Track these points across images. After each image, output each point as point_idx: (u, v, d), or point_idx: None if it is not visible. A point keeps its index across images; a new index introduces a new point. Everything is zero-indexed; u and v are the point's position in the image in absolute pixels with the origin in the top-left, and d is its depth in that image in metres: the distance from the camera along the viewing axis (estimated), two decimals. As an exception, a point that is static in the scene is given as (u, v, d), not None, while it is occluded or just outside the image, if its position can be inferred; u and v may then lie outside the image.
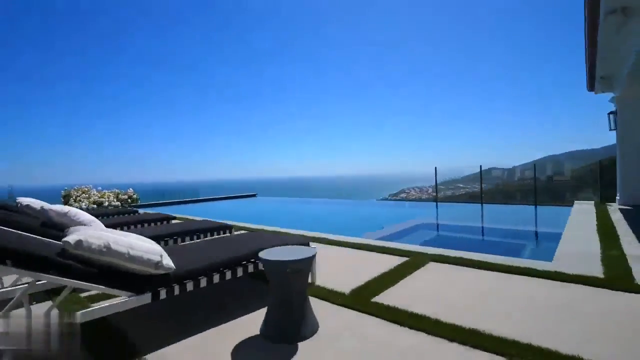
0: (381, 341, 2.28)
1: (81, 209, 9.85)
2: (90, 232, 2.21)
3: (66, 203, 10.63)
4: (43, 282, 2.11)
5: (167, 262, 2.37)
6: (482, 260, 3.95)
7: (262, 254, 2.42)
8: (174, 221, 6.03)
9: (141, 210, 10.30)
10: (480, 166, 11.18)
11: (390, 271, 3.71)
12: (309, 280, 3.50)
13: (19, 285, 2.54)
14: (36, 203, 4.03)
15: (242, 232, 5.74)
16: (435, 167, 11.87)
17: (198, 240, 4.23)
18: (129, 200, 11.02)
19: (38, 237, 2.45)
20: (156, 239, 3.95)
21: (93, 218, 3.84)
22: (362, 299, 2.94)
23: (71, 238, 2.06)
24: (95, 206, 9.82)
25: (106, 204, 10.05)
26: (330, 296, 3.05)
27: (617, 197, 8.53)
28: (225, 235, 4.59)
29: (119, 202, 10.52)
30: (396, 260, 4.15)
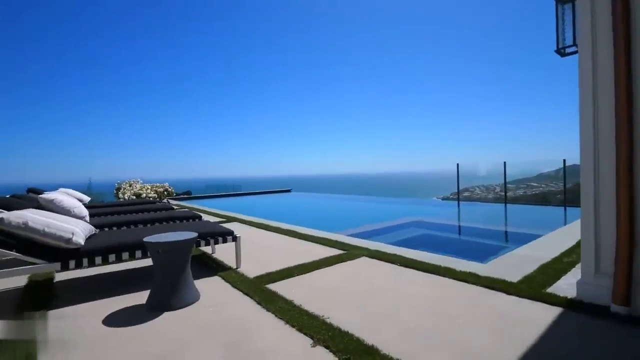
0: (231, 316, 2.58)
1: (123, 199, 11.42)
2: (17, 212, 2.86)
3: (117, 193, 12.38)
4: None
5: (77, 239, 2.93)
6: (413, 259, 3.93)
7: (147, 237, 2.86)
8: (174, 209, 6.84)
9: (173, 202, 11.52)
10: (506, 163, 10.35)
11: (313, 262, 3.91)
12: (234, 266, 3.88)
13: None
14: (48, 193, 4.99)
15: (212, 219, 6.37)
16: (458, 164, 11.27)
17: (155, 225, 4.80)
18: (165, 192, 12.44)
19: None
20: (127, 224, 4.67)
21: (78, 204, 4.67)
22: (256, 284, 3.23)
23: (-5, 216, 2.72)
24: (134, 197, 11.33)
25: (144, 195, 11.51)
26: (236, 279, 3.39)
27: None
28: (184, 222, 5.07)
29: (155, 194, 11.96)
30: (330, 253, 4.31)
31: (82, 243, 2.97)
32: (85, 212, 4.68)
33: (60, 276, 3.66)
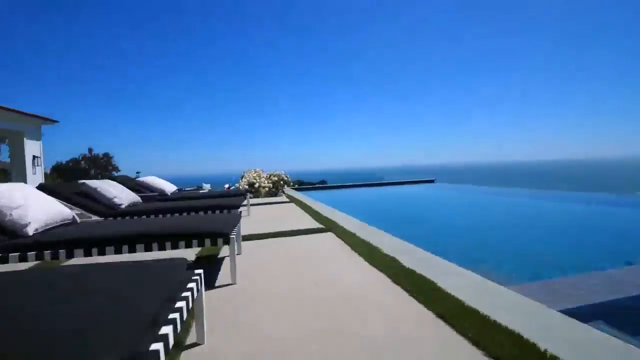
0: None
1: (240, 187, 10.91)
2: None
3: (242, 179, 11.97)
4: None
5: None
6: None
7: None
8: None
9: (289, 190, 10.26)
10: None
11: None
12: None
13: None
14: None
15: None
16: None
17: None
18: (281, 182, 11.30)
19: None
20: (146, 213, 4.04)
21: (117, 194, 4.31)
22: None
23: None
24: (247, 186, 10.57)
25: (257, 185, 10.61)
26: None
27: None
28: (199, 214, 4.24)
29: (270, 184, 10.93)
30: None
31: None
32: (122, 201, 4.30)
33: None
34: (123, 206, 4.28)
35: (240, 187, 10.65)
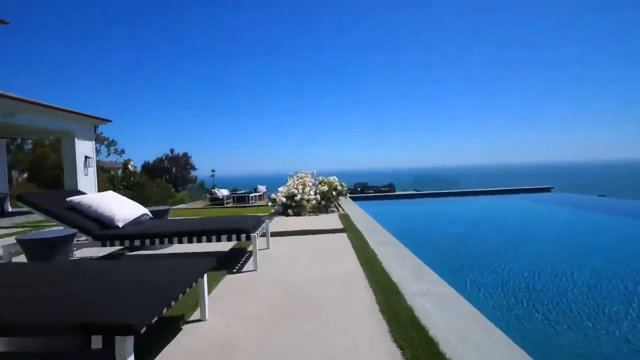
0: None
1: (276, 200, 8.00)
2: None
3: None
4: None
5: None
6: None
7: None
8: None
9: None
10: None
11: None
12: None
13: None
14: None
15: None
16: None
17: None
18: (333, 192, 8.14)
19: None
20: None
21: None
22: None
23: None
24: (284, 199, 7.65)
25: (298, 197, 7.62)
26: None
27: None
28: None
29: (317, 196, 7.86)
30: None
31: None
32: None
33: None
34: None
35: (278, 201, 7.77)
